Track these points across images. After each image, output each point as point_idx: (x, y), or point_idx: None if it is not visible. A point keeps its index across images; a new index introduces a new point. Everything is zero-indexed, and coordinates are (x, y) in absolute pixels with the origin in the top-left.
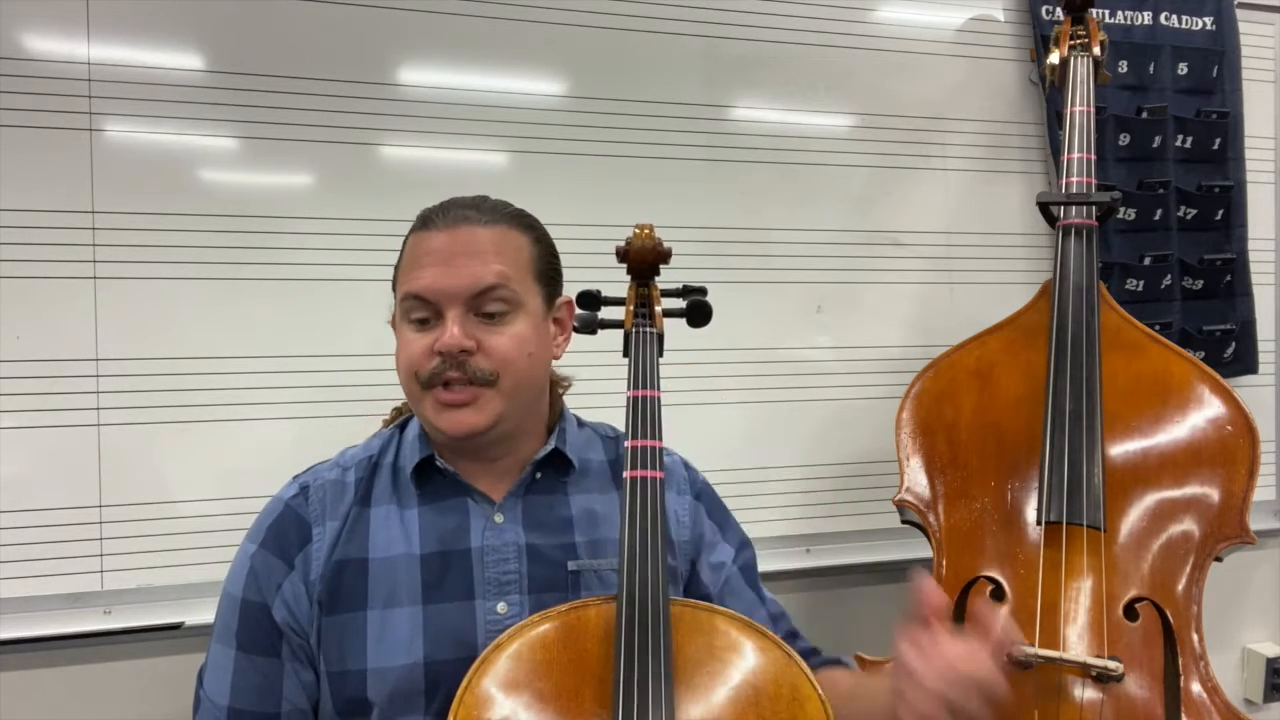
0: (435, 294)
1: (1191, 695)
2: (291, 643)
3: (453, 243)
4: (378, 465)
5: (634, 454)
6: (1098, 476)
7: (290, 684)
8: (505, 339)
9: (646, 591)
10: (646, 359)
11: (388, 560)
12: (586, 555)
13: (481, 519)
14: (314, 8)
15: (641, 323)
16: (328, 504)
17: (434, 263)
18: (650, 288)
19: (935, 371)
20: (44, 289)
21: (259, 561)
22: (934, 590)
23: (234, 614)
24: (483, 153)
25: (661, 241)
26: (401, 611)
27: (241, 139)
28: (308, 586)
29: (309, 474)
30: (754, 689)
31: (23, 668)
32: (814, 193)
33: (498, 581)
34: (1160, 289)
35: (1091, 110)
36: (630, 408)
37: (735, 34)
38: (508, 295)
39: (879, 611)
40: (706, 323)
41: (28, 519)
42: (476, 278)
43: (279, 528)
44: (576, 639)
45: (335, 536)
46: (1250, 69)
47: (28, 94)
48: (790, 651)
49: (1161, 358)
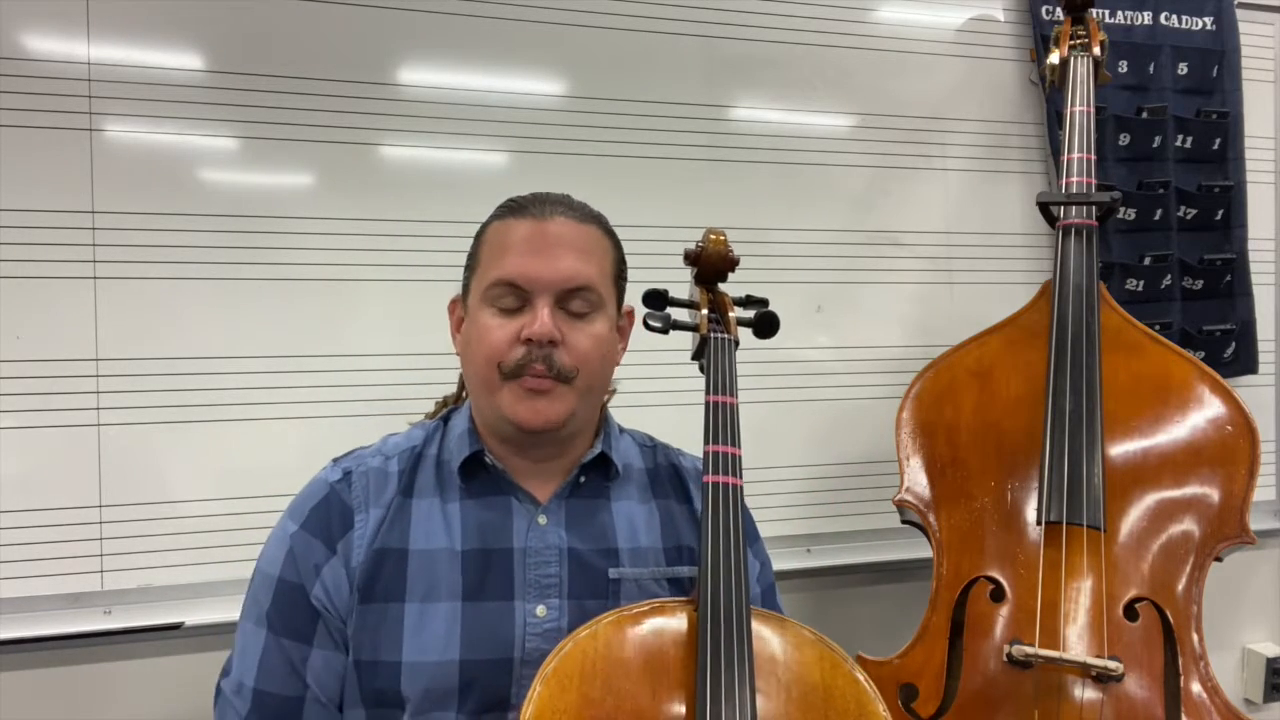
0: (530, 281)
1: (1191, 695)
2: (330, 625)
3: (549, 232)
4: (421, 456)
5: (714, 459)
6: (1098, 476)
7: (322, 670)
8: (588, 337)
9: (731, 599)
10: (724, 365)
11: (428, 553)
12: (628, 563)
13: (525, 519)
14: (314, 8)
15: (716, 328)
16: (371, 491)
17: (529, 250)
18: (719, 294)
19: (935, 371)
20: (44, 289)
21: (299, 542)
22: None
23: (268, 593)
24: (483, 153)
25: (732, 248)
26: (440, 606)
27: (241, 139)
28: (349, 572)
29: (350, 459)
30: (824, 700)
31: (23, 668)
32: (814, 193)
33: (539, 584)
34: (1160, 289)
35: (1091, 110)
36: (709, 413)
37: (735, 34)
38: (594, 297)
39: (879, 611)
40: (774, 333)
41: (28, 519)
42: (574, 270)
43: (323, 510)
44: (655, 640)
45: (378, 524)
46: (1250, 69)
47: (28, 94)
48: (856, 667)
49: (1161, 358)
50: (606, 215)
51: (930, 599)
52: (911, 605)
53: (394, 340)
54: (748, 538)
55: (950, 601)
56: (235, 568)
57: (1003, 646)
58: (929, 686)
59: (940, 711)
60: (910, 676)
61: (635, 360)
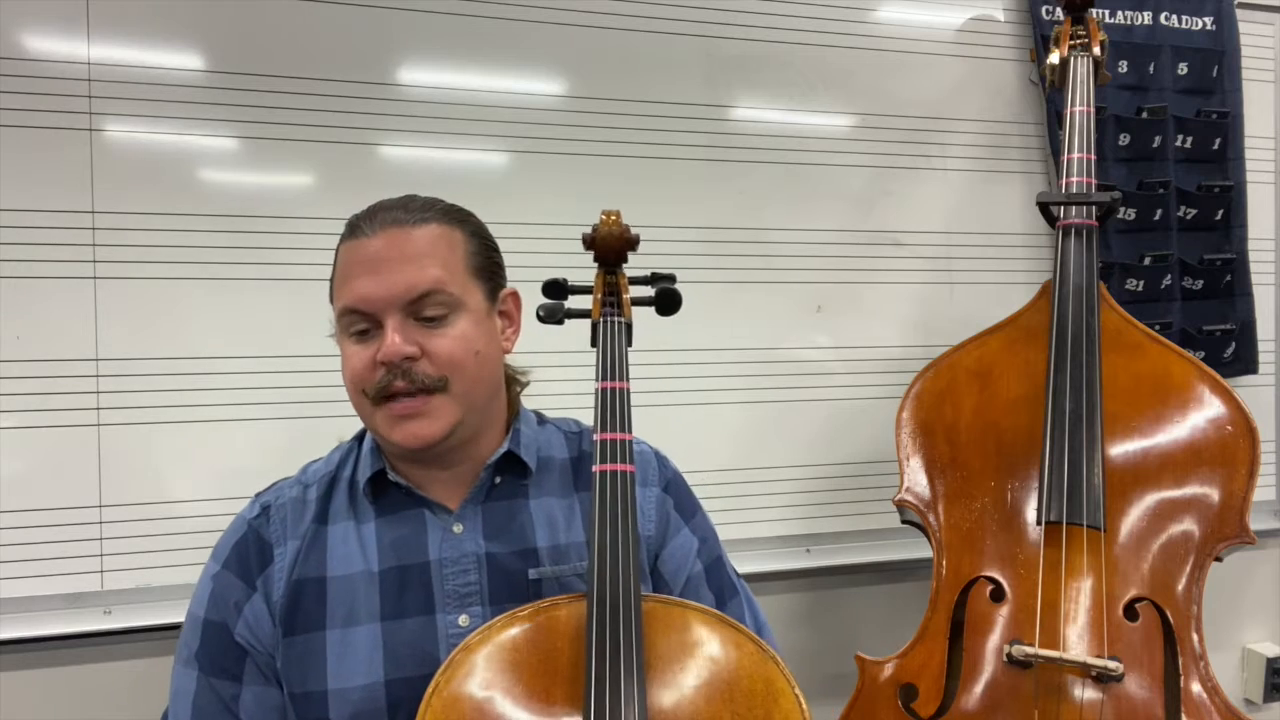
0: (370, 304)
1: (1191, 695)
2: (259, 660)
3: (383, 248)
4: (335, 480)
5: (603, 447)
6: (1098, 476)
7: (255, 707)
8: (449, 340)
9: (619, 588)
10: (615, 349)
11: (346, 578)
12: (549, 562)
13: (439, 530)
14: (314, 8)
15: (609, 312)
16: (289, 523)
17: (365, 271)
18: (618, 276)
19: (935, 371)
20: (44, 289)
21: (220, 582)
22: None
23: (196, 635)
24: (483, 153)
25: (629, 228)
26: (361, 630)
27: (241, 139)
28: (270, 607)
29: (271, 492)
30: (728, 684)
31: (23, 668)
32: (814, 193)
33: (458, 594)
34: (1160, 289)
35: (1091, 110)
36: (599, 400)
37: (735, 34)
38: (445, 298)
39: (879, 611)
40: (675, 310)
41: (28, 519)
42: (411, 283)
43: (242, 549)
44: (547, 638)
45: (295, 556)
46: (1250, 69)
47: (28, 94)
48: (763, 645)
49: (1161, 358)
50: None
51: (930, 599)
52: (911, 605)
53: None
54: (684, 513)
55: (950, 601)
56: None
57: (1003, 646)
58: (929, 687)
59: (940, 711)
60: (910, 676)
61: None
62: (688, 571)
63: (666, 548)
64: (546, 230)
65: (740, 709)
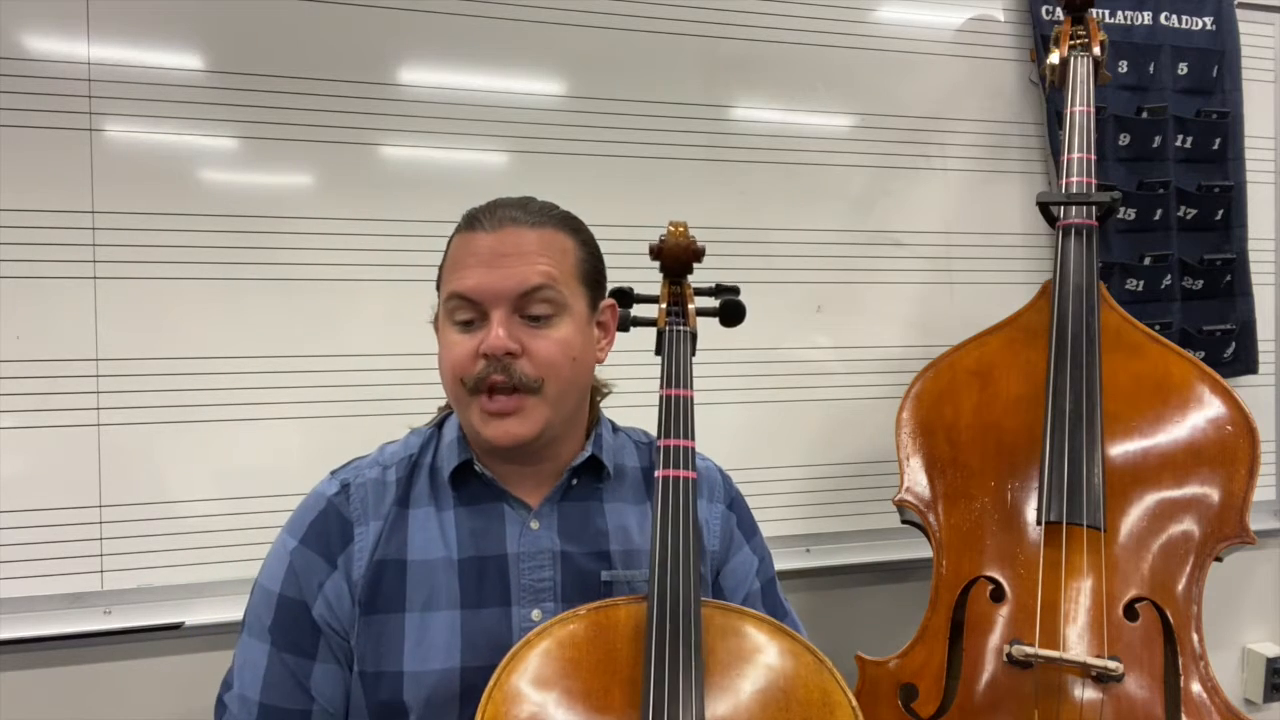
0: (481, 294)
1: (1191, 695)
2: (331, 642)
3: (499, 244)
4: (417, 465)
5: (666, 453)
6: (1098, 476)
7: (326, 683)
8: (550, 343)
9: (679, 592)
10: (680, 358)
11: (426, 563)
12: (620, 566)
13: (517, 525)
14: (314, 8)
15: (675, 321)
16: (370, 503)
17: (480, 263)
18: (683, 286)
19: (935, 371)
20: (44, 289)
21: (299, 558)
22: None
23: (269, 609)
24: (483, 153)
25: (696, 239)
26: (439, 615)
27: (241, 139)
28: (350, 586)
29: (349, 470)
30: (784, 692)
31: (23, 668)
32: (814, 193)
33: (533, 588)
34: (1160, 289)
35: (1091, 110)
36: (663, 406)
37: (735, 34)
38: (553, 297)
39: (879, 611)
40: (740, 321)
41: (28, 519)
42: (523, 278)
43: (321, 525)
44: (606, 638)
45: (377, 536)
46: (1250, 69)
47: (28, 94)
48: (821, 656)
49: (1161, 358)
50: (607, 215)
51: (930, 599)
52: (911, 605)
53: (394, 340)
54: (745, 531)
55: (950, 601)
56: (235, 568)
57: (1003, 646)
58: (929, 687)
59: (940, 711)
60: (910, 676)
61: (632, 360)
62: (746, 589)
63: (729, 564)
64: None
65: (796, 717)
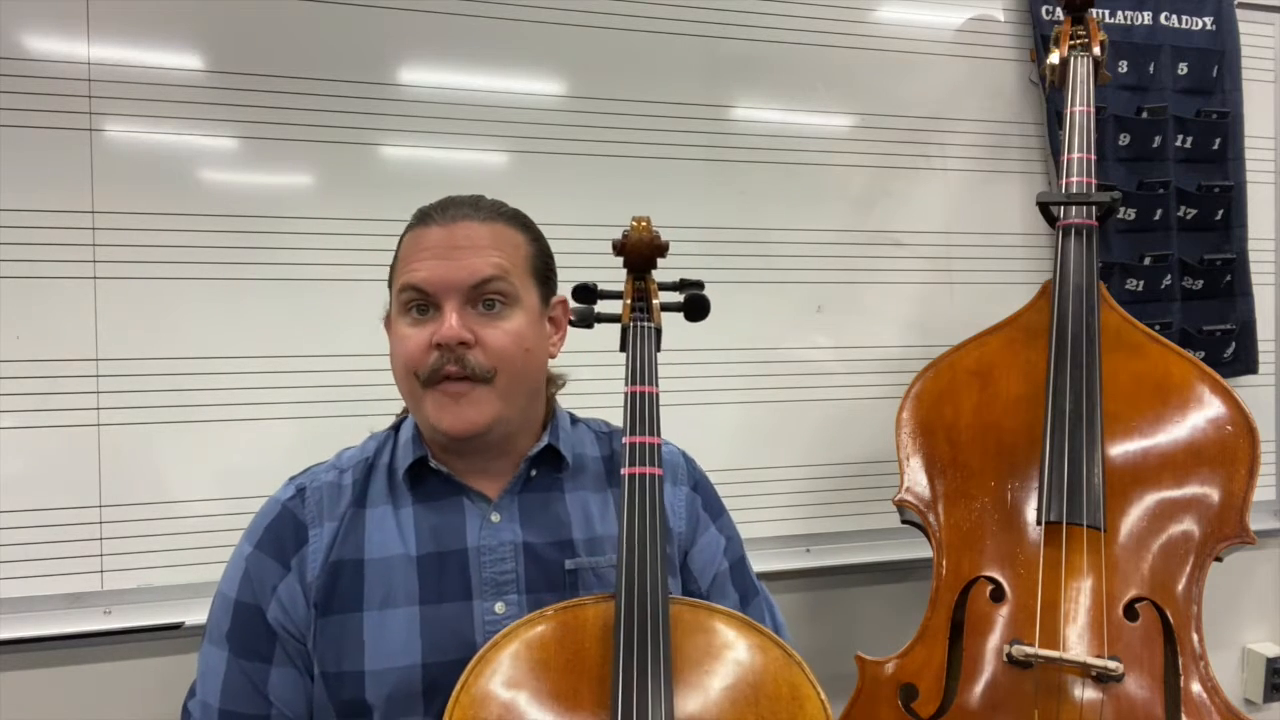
0: (434, 285)
1: (1191, 695)
2: (287, 646)
3: (451, 237)
4: (373, 466)
5: (632, 450)
6: (1098, 476)
7: (283, 688)
8: (502, 333)
9: (646, 591)
10: (644, 354)
11: (384, 561)
12: (584, 553)
13: (478, 518)
14: (314, 8)
15: (639, 317)
16: (325, 506)
17: (433, 255)
18: (647, 281)
19: (935, 371)
20: (44, 289)
21: (254, 564)
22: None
23: (227, 615)
24: (483, 153)
25: (659, 234)
26: (398, 613)
27: (241, 139)
28: (304, 588)
29: (305, 475)
30: (753, 688)
31: (23, 668)
32: (814, 193)
33: (495, 581)
34: (1160, 289)
35: (1091, 110)
36: (628, 404)
37: (735, 34)
38: (505, 288)
39: (879, 611)
40: (704, 316)
41: (28, 519)
42: (475, 269)
43: (276, 529)
44: (574, 638)
45: (332, 538)
46: (1250, 69)
47: (28, 94)
48: (790, 650)
49: (1161, 358)
50: (606, 215)
51: (930, 599)
52: (911, 605)
53: None
54: (711, 512)
55: (950, 601)
56: None
57: (1003, 646)
58: (929, 687)
59: (940, 711)
60: (910, 676)
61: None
62: (715, 569)
63: (696, 545)
64: (547, 230)
65: (765, 713)
